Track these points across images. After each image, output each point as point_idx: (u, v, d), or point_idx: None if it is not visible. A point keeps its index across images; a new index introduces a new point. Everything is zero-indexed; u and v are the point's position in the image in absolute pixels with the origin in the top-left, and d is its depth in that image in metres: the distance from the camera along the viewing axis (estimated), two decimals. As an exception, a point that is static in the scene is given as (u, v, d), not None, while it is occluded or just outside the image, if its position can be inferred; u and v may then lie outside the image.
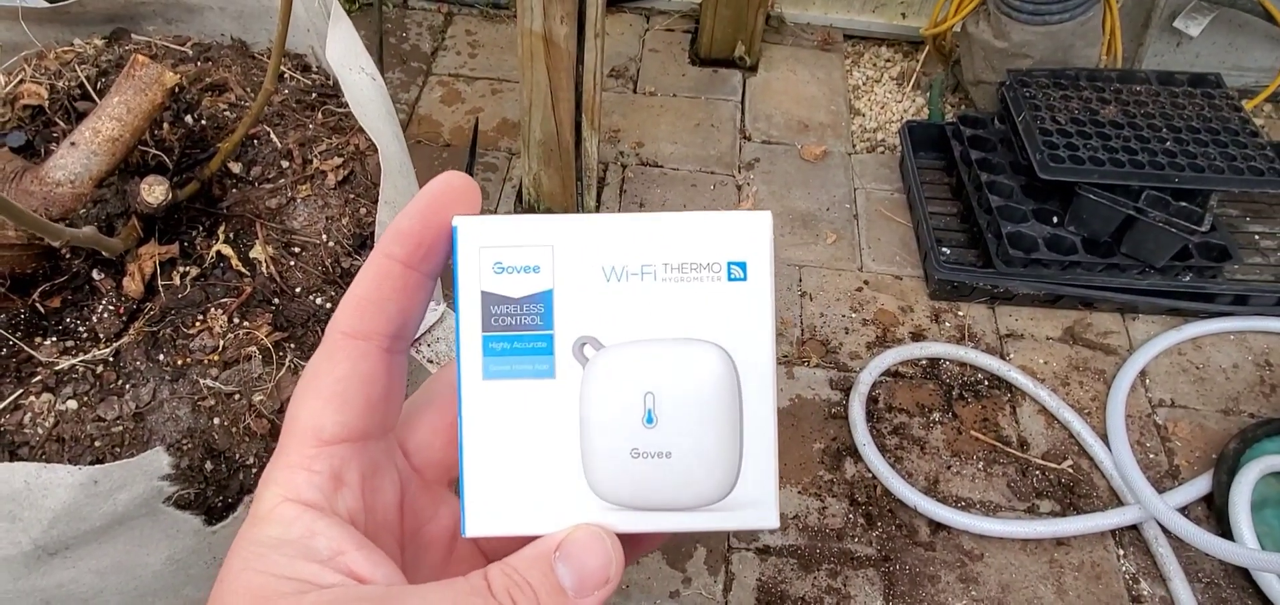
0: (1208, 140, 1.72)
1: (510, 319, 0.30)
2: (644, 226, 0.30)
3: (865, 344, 1.68)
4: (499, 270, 0.30)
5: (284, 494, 0.28)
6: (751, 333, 0.30)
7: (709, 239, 0.30)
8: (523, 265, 0.30)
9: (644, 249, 0.30)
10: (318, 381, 0.30)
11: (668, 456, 0.30)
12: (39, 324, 0.78)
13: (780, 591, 1.33)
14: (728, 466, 0.30)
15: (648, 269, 0.29)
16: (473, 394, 0.30)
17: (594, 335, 0.30)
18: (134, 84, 0.78)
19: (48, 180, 0.76)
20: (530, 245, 0.30)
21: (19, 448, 0.71)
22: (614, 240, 0.30)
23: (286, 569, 0.26)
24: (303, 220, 0.89)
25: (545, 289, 0.30)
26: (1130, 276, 1.69)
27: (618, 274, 0.29)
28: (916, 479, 1.48)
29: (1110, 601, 1.35)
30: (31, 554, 0.65)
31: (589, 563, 0.28)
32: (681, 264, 0.29)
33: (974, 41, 2.01)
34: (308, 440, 0.29)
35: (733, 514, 0.30)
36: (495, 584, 0.27)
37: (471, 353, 0.30)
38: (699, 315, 0.30)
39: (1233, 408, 1.61)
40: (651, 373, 0.30)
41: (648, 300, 0.29)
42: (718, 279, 0.30)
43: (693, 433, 0.30)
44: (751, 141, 2.07)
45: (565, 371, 0.30)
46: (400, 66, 2.17)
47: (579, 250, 0.29)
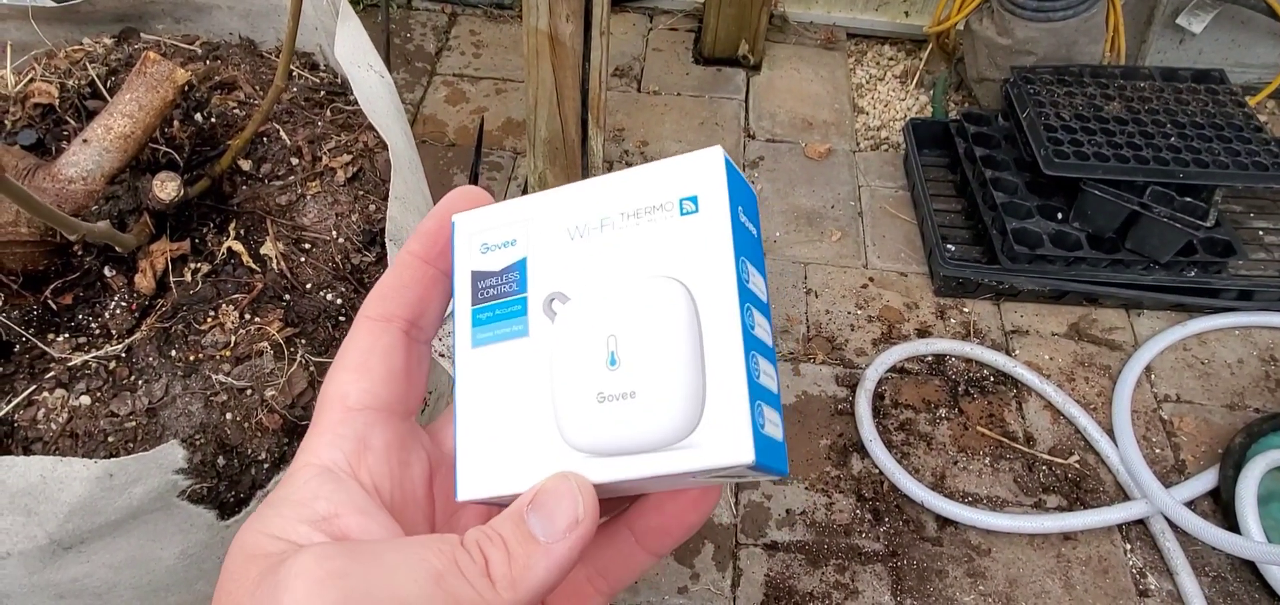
0: (1212, 136, 1.72)
1: (492, 290, 0.32)
2: (604, 184, 0.31)
3: (871, 341, 1.68)
4: (484, 250, 0.32)
5: (305, 458, 0.30)
6: (709, 263, 0.29)
7: (661, 181, 0.30)
8: (502, 241, 0.32)
9: (603, 204, 0.31)
10: (344, 357, 0.32)
11: (632, 396, 0.29)
12: (52, 320, 0.78)
13: (788, 586, 1.33)
14: (689, 399, 0.29)
15: (607, 222, 0.31)
16: (463, 362, 0.32)
17: (561, 290, 0.31)
18: (145, 81, 0.79)
19: (60, 177, 0.76)
20: (509, 223, 0.32)
21: (32, 443, 0.72)
22: (577, 202, 0.31)
23: (278, 529, 0.27)
24: (313, 217, 0.89)
25: (520, 257, 0.31)
26: (1135, 272, 1.69)
27: (581, 232, 0.31)
28: (923, 475, 1.48)
29: (1117, 595, 1.36)
30: (47, 548, 0.65)
31: (555, 506, 0.28)
32: (636, 210, 0.30)
33: (977, 39, 2.01)
34: (335, 408, 0.31)
35: (703, 450, 0.28)
36: (467, 536, 0.28)
37: (463, 326, 0.32)
38: (657, 255, 0.30)
39: (1238, 403, 1.61)
40: (612, 316, 0.30)
41: (609, 250, 0.30)
42: (671, 216, 0.30)
43: (654, 369, 0.29)
44: (755, 140, 2.08)
45: (537, 329, 0.31)
46: (405, 67, 2.18)
47: (548, 218, 0.31)
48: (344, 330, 0.83)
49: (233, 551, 0.27)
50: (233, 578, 0.26)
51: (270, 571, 0.25)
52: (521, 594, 0.27)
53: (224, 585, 0.27)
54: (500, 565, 0.27)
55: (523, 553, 0.27)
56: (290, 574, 0.25)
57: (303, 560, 0.25)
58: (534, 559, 0.27)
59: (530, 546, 0.28)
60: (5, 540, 0.63)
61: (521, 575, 0.27)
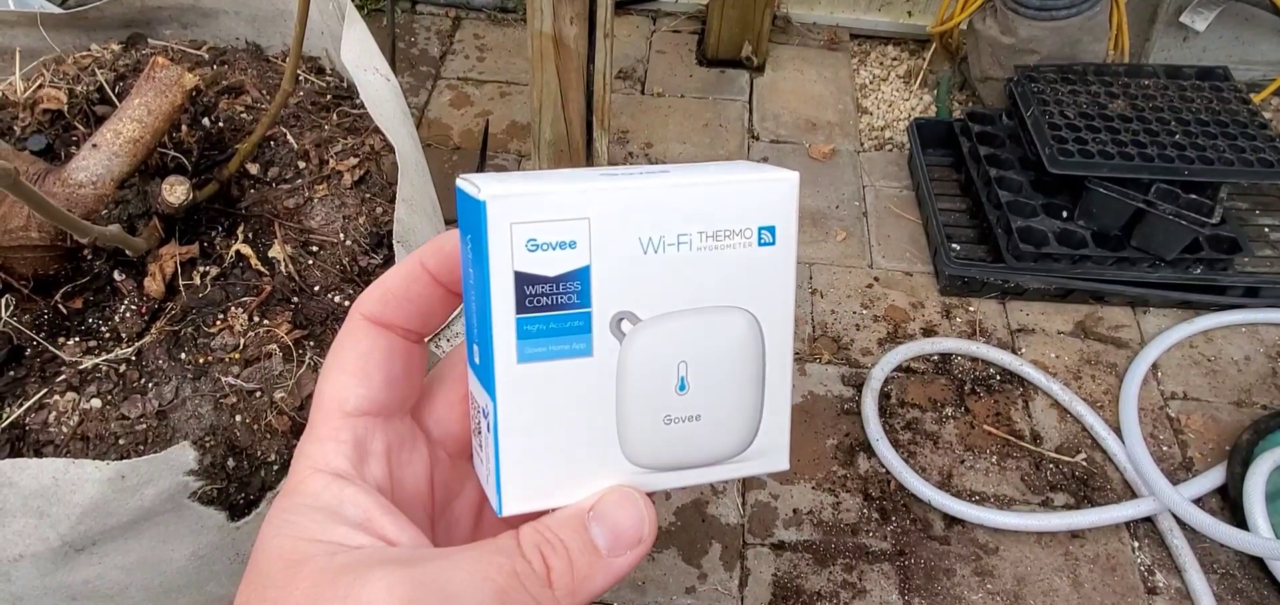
0: (1217, 133, 1.72)
1: (546, 299, 0.29)
2: (680, 194, 0.29)
3: (876, 340, 1.68)
4: (533, 248, 0.28)
5: (313, 465, 0.29)
6: (776, 294, 0.30)
7: (742, 203, 0.30)
8: (558, 241, 0.28)
9: (680, 217, 0.29)
10: (340, 357, 0.31)
11: (698, 419, 0.30)
12: (62, 324, 0.79)
13: (795, 586, 1.34)
14: (750, 422, 0.31)
15: (684, 239, 0.29)
16: (507, 377, 0.29)
17: (631, 309, 0.29)
18: (154, 86, 0.79)
19: (70, 181, 0.77)
20: (566, 220, 0.28)
21: (44, 446, 0.72)
22: (651, 210, 0.29)
23: (318, 533, 0.27)
24: (320, 220, 0.90)
25: (582, 265, 0.28)
26: (1141, 270, 1.69)
27: (655, 245, 0.29)
28: (930, 474, 1.48)
29: (1126, 593, 1.35)
30: (59, 550, 0.66)
31: (623, 522, 0.29)
32: (716, 232, 0.29)
33: (981, 38, 2.01)
34: (332, 413, 0.30)
35: (749, 464, 0.31)
36: (525, 542, 0.28)
37: (505, 338, 0.28)
38: (731, 282, 0.30)
39: (1245, 400, 1.61)
40: (685, 342, 0.30)
41: (683, 270, 0.29)
42: (749, 245, 0.30)
43: (721, 394, 0.30)
44: (759, 141, 2.08)
45: (602, 348, 0.29)
46: (409, 71, 2.18)
47: (617, 223, 0.29)
48: (352, 332, 0.84)
49: (268, 556, 0.27)
50: (274, 584, 0.26)
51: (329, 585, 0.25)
52: (579, 601, 0.27)
53: (262, 591, 0.26)
54: (562, 575, 0.27)
55: (585, 563, 0.28)
56: (365, 591, 0.25)
57: (374, 586, 0.25)
58: (595, 570, 0.28)
59: (593, 558, 0.28)
60: (18, 542, 0.64)
61: (581, 586, 0.27)
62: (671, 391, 0.30)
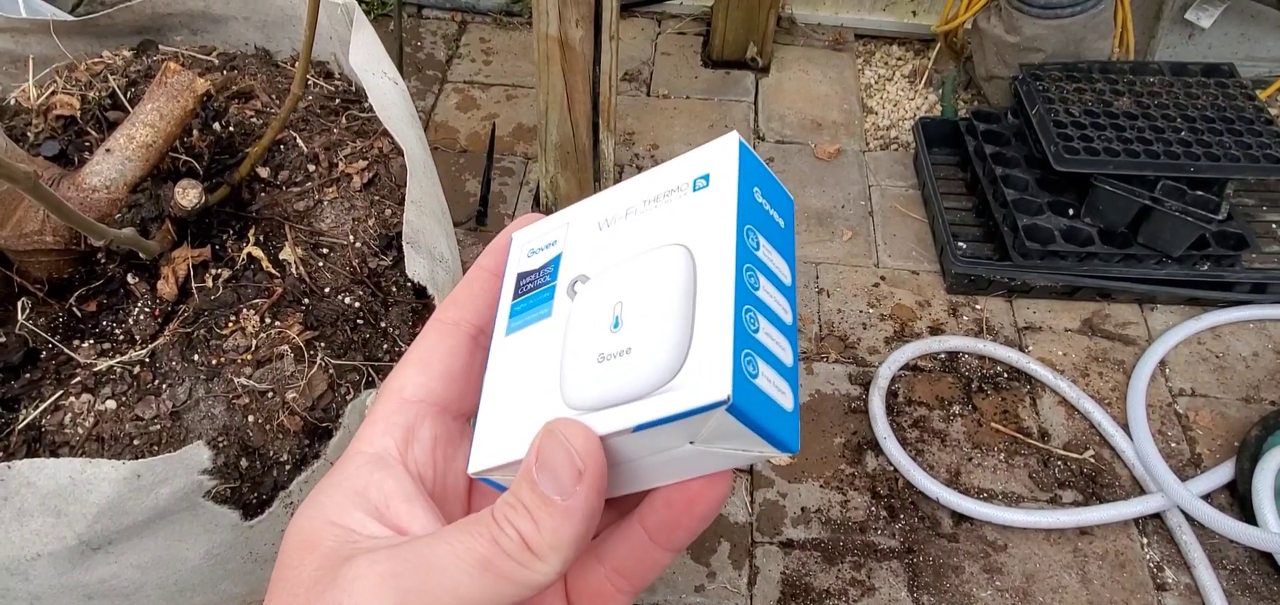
0: (1223, 129, 1.72)
1: (531, 284, 0.34)
2: (635, 180, 0.34)
3: (883, 339, 1.68)
4: (531, 254, 0.35)
5: (358, 446, 0.31)
6: (711, 226, 0.30)
7: (681, 168, 0.33)
8: (546, 243, 0.35)
9: (630, 196, 0.33)
10: (410, 354, 0.34)
11: (628, 352, 0.30)
12: (77, 327, 0.80)
13: (804, 584, 1.34)
14: (676, 346, 0.29)
15: (631, 210, 0.33)
16: (495, 351, 0.34)
17: (584, 273, 0.33)
18: (166, 91, 0.80)
19: (84, 186, 0.78)
20: (553, 228, 0.35)
21: (60, 447, 0.73)
22: (610, 199, 0.34)
23: (335, 515, 0.29)
24: (330, 222, 0.91)
25: (556, 255, 0.34)
26: (1148, 267, 1.69)
27: (608, 222, 0.33)
28: (938, 471, 1.48)
29: (1135, 589, 1.35)
30: (76, 549, 0.66)
31: (557, 462, 0.28)
32: (657, 196, 0.33)
33: (986, 37, 2.01)
34: (392, 399, 0.32)
35: (678, 394, 0.28)
36: (498, 513, 0.28)
37: (501, 319, 0.34)
38: (669, 229, 0.32)
39: (1254, 396, 1.60)
40: (620, 284, 0.31)
41: (630, 234, 0.32)
42: (685, 194, 0.32)
43: (649, 325, 0.30)
44: (765, 141, 2.08)
45: (560, 308, 0.32)
46: (416, 75, 2.19)
47: (584, 217, 0.34)
48: (362, 332, 0.85)
49: (290, 535, 0.29)
50: (290, 565, 0.28)
51: (328, 572, 0.27)
52: (564, 556, 0.27)
53: (283, 571, 0.28)
54: (532, 535, 0.27)
55: (547, 517, 0.27)
56: (350, 577, 0.26)
57: (359, 565, 0.27)
58: (557, 521, 0.27)
59: (550, 508, 0.27)
60: (35, 541, 0.65)
61: (553, 538, 0.27)
62: (606, 331, 0.30)
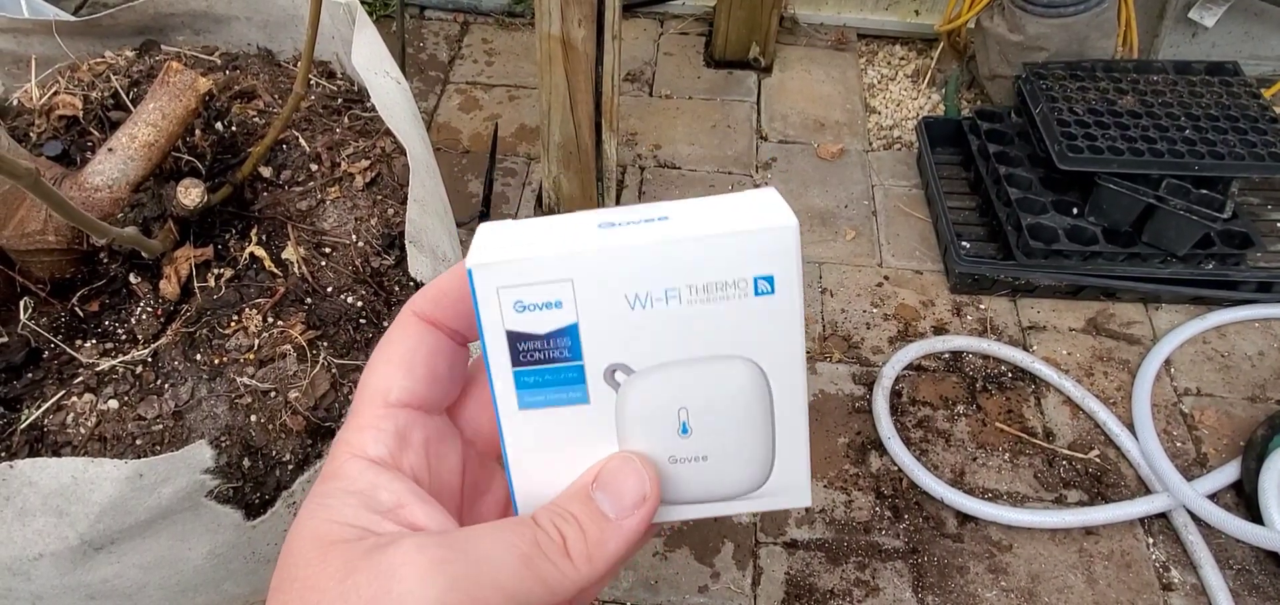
0: (1227, 128, 1.72)
1: (539, 353, 0.30)
2: (666, 250, 0.28)
3: (887, 339, 1.68)
4: (520, 309, 0.29)
5: (351, 451, 0.30)
6: (781, 340, 0.30)
7: (734, 254, 0.29)
8: (544, 302, 0.29)
9: (667, 274, 0.29)
10: (388, 351, 0.32)
11: (705, 459, 0.31)
12: (79, 327, 0.80)
13: (809, 584, 1.33)
14: (763, 462, 0.31)
15: (672, 293, 0.29)
16: (511, 423, 0.31)
17: (624, 362, 0.30)
18: (169, 90, 0.80)
19: (87, 185, 0.78)
20: (547, 281, 0.29)
21: (62, 447, 0.73)
22: (635, 268, 0.29)
23: (350, 517, 0.28)
24: (332, 221, 0.90)
25: (570, 323, 0.29)
26: (1152, 266, 1.69)
27: (642, 301, 0.29)
28: (942, 471, 1.48)
29: (1141, 589, 1.35)
30: (78, 549, 0.66)
31: (624, 486, 0.30)
32: (707, 285, 0.29)
33: (989, 36, 2.01)
34: (376, 402, 0.31)
35: (768, 499, 0.32)
36: (541, 517, 0.29)
37: (505, 387, 0.30)
38: (728, 331, 0.29)
39: (1259, 395, 1.60)
40: (683, 390, 0.30)
41: (675, 323, 0.29)
42: (745, 296, 0.29)
43: (727, 437, 0.31)
44: (768, 141, 2.08)
45: (598, 395, 0.30)
46: (418, 75, 2.19)
47: (600, 282, 0.29)
48: (365, 332, 0.84)
49: (302, 538, 0.28)
50: (308, 564, 0.27)
51: (366, 558, 0.27)
52: (598, 568, 0.29)
53: (296, 572, 0.27)
54: (577, 542, 0.29)
55: (596, 530, 0.29)
56: (397, 562, 0.26)
57: (405, 549, 0.27)
58: (607, 534, 0.29)
59: (603, 523, 0.29)
60: (38, 541, 0.65)
61: (596, 551, 0.29)
62: (674, 435, 0.31)
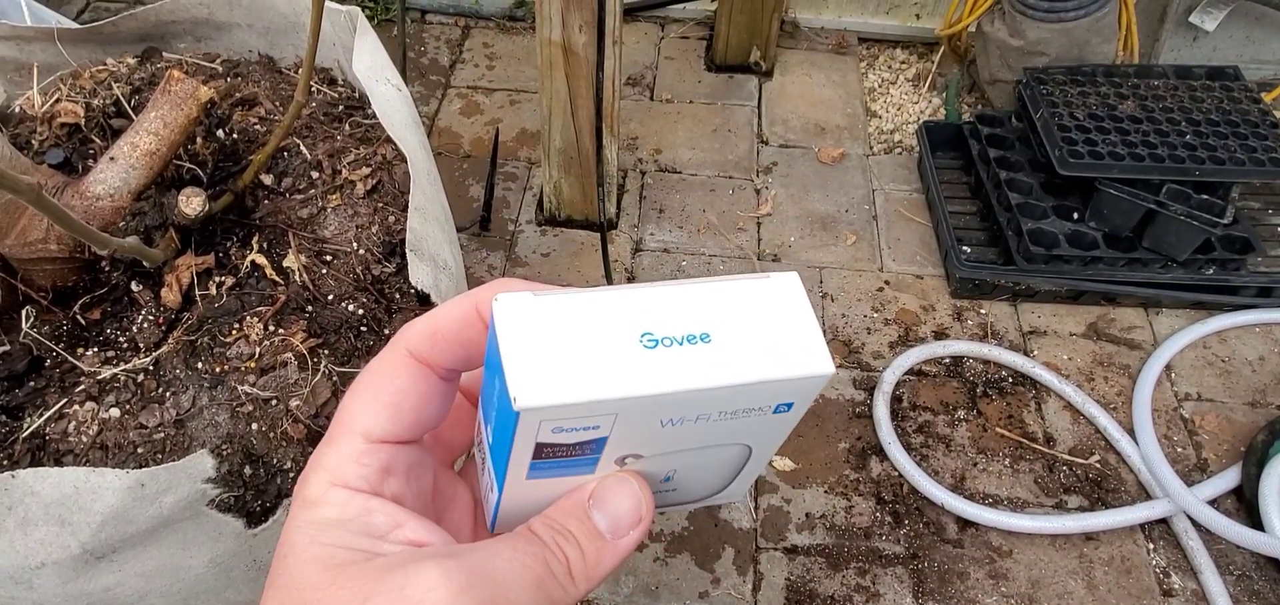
0: (1228, 133, 1.72)
1: (562, 451, 0.29)
2: (707, 395, 0.28)
3: (888, 343, 1.68)
4: (557, 431, 0.28)
5: (333, 479, 0.30)
6: (779, 435, 0.32)
7: (768, 396, 0.29)
8: (584, 427, 0.28)
9: (704, 407, 0.29)
10: (377, 385, 0.31)
11: (674, 490, 0.35)
12: (81, 335, 0.80)
13: (809, 590, 1.34)
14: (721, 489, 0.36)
15: (704, 417, 0.29)
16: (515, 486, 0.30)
17: (638, 452, 0.31)
18: (170, 99, 0.80)
19: (88, 194, 0.78)
20: (593, 418, 0.28)
21: (64, 455, 0.73)
22: (676, 405, 0.28)
23: (351, 542, 0.28)
24: (333, 229, 0.90)
25: (601, 437, 0.29)
26: (1153, 271, 1.69)
27: (675, 422, 0.29)
28: (943, 477, 1.48)
29: (1141, 595, 1.35)
30: (80, 558, 0.66)
31: (620, 506, 0.31)
32: (737, 412, 0.30)
33: (989, 40, 2.01)
34: (356, 437, 0.30)
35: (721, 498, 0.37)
36: (542, 533, 0.30)
37: (519, 468, 0.30)
38: (739, 433, 0.31)
39: (1260, 400, 1.60)
40: (678, 461, 0.33)
41: (698, 432, 0.30)
42: (765, 414, 0.30)
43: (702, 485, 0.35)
44: (769, 145, 2.08)
45: (605, 468, 0.32)
46: (419, 80, 2.20)
47: (641, 414, 0.28)
48: (366, 340, 0.85)
49: (303, 561, 0.28)
50: (312, 586, 0.27)
51: (380, 579, 0.27)
52: (593, 585, 0.30)
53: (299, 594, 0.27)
54: (577, 563, 0.30)
55: (594, 550, 0.30)
56: (421, 586, 0.26)
57: (429, 573, 0.27)
58: (604, 555, 0.30)
59: (600, 544, 0.30)
60: (40, 550, 0.65)
61: (593, 570, 0.30)
62: (658, 483, 0.33)
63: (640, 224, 1.88)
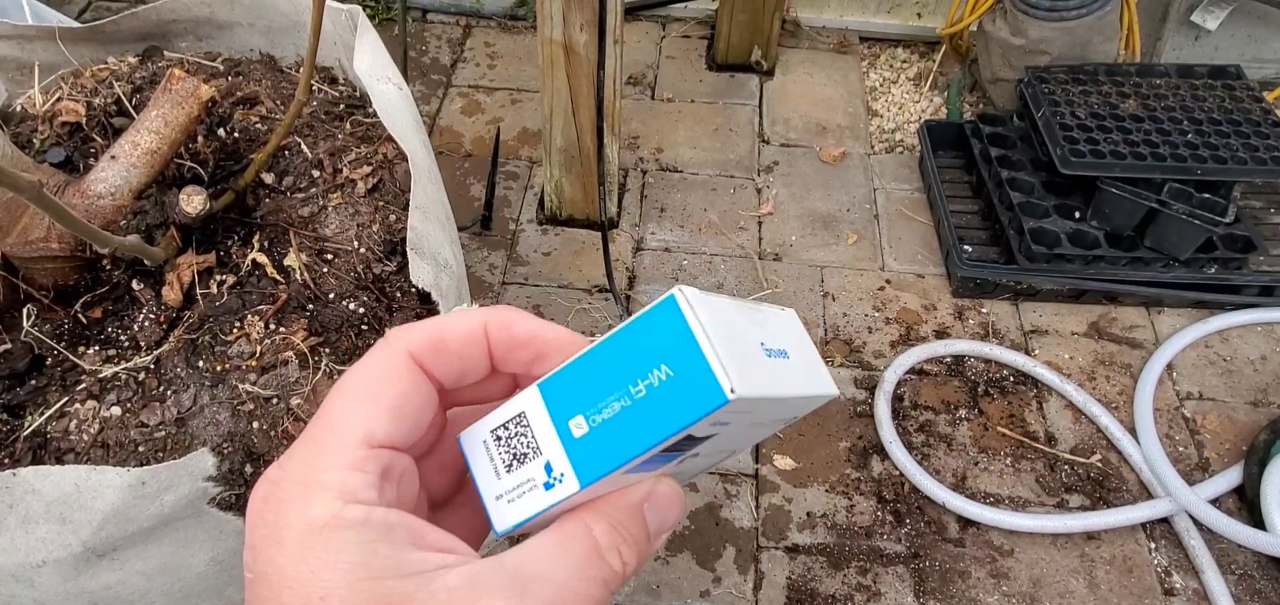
0: (1229, 132, 1.72)
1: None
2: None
3: (889, 343, 1.68)
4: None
5: (342, 497, 0.27)
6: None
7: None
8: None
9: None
10: (376, 388, 0.29)
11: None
12: (82, 333, 0.80)
13: (810, 589, 1.34)
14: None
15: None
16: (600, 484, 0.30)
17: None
18: (171, 98, 0.80)
19: (89, 193, 0.78)
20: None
21: (65, 454, 0.73)
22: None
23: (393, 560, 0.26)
24: (334, 228, 0.91)
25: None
26: (1155, 270, 1.69)
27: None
28: (944, 476, 1.48)
29: (1143, 594, 1.35)
30: (81, 556, 0.66)
31: (669, 513, 0.32)
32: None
33: (991, 39, 2.01)
34: (356, 442, 0.28)
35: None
36: (601, 537, 0.29)
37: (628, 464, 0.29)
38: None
39: (1262, 399, 1.60)
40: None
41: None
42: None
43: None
44: (770, 145, 2.08)
45: None
46: (421, 79, 2.20)
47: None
48: (367, 338, 0.85)
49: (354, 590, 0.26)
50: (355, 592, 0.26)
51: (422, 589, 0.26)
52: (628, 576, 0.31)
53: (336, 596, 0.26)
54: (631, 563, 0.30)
55: (646, 549, 0.31)
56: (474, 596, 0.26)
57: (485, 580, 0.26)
58: (645, 553, 0.31)
59: (648, 544, 0.31)
60: (41, 548, 0.65)
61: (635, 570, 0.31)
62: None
63: (641, 223, 1.88)
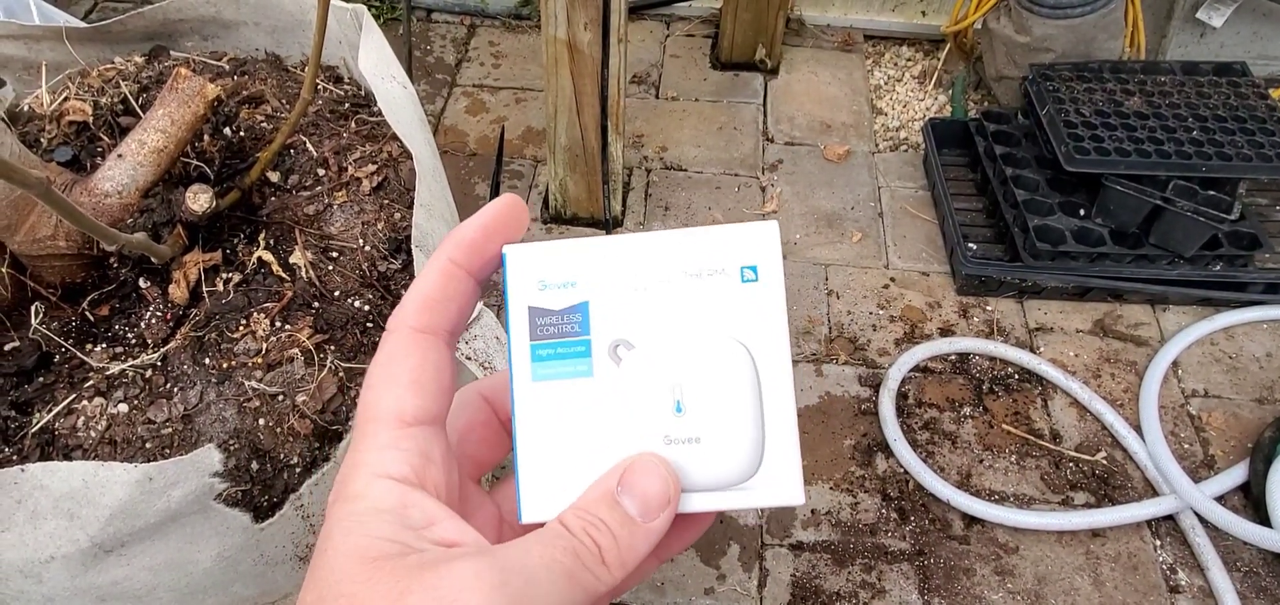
0: (1235, 129, 1.71)
1: (553, 328, 0.33)
2: (663, 242, 0.33)
3: (893, 341, 1.68)
4: (542, 287, 0.33)
5: (374, 472, 0.30)
6: (767, 329, 0.33)
7: (721, 248, 0.33)
8: (562, 281, 0.33)
9: (664, 262, 0.33)
10: (392, 370, 0.32)
11: (697, 441, 0.33)
12: (89, 331, 0.81)
13: (814, 586, 1.34)
14: (752, 448, 0.33)
15: (668, 279, 0.33)
16: (523, 395, 0.33)
17: (626, 338, 0.33)
18: (177, 97, 0.81)
19: (96, 191, 0.78)
20: (568, 265, 0.33)
21: (73, 451, 0.74)
22: (637, 256, 0.33)
23: (388, 533, 0.28)
24: (340, 226, 0.91)
25: (582, 300, 0.33)
26: (1160, 267, 1.68)
27: (643, 286, 0.33)
28: (948, 473, 1.48)
29: (1148, 592, 1.35)
30: (89, 552, 0.67)
31: (650, 487, 0.32)
32: (698, 271, 0.33)
33: (995, 37, 2.00)
34: (391, 423, 0.31)
35: (760, 492, 0.33)
36: (573, 526, 0.31)
37: (521, 359, 0.33)
38: (718, 314, 0.33)
39: (1267, 397, 1.59)
40: (677, 367, 0.33)
41: (672, 304, 0.33)
42: (732, 281, 0.33)
43: (718, 418, 0.33)
44: (774, 143, 2.08)
45: (602, 370, 0.33)
46: (425, 78, 2.20)
47: (609, 267, 0.33)
48: (372, 336, 0.85)
49: (342, 555, 0.28)
50: (352, 580, 0.27)
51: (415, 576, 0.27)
52: (629, 570, 0.31)
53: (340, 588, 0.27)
54: (611, 550, 0.30)
55: (627, 535, 0.31)
56: (457, 586, 0.27)
57: (463, 573, 0.27)
58: (636, 539, 0.31)
59: (632, 528, 0.31)
60: (49, 544, 0.65)
61: (628, 555, 0.31)
62: (669, 413, 0.33)
63: (645, 221, 1.89)
